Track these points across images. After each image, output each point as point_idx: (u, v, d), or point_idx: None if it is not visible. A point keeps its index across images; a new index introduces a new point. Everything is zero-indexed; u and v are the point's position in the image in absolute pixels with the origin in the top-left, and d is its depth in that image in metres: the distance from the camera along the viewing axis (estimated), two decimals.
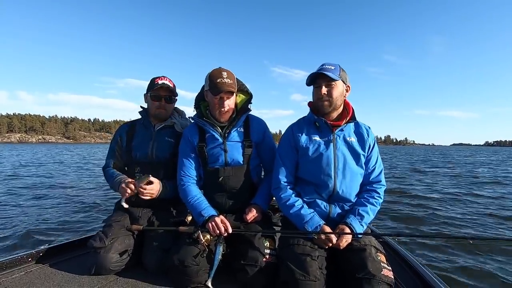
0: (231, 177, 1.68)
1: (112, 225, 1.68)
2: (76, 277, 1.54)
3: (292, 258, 1.34)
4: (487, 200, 7.04)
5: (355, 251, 1.36)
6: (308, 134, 1.62)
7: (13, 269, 1.58)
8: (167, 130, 1.91)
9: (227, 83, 1.57)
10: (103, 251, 1.54)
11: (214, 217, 1.52)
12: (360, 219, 1.47)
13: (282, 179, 1.63)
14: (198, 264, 1.42)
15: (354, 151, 1.57)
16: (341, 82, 1.55)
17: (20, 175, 11.21)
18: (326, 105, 1.55)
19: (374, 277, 1.23)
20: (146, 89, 1.92)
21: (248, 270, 1.39)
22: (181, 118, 2.00)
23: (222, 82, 1.56)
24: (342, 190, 1.53)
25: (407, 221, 5.13)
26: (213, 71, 1.61)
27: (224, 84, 1.56)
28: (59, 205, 5.83)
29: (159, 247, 1.62)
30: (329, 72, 1.49)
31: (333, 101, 1.53)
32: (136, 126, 1.96)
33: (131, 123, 2.01)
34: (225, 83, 1.56)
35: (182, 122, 1.96)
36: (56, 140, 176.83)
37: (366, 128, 1.64)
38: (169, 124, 1.92)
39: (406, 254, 1.69)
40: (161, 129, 1.90)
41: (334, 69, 1.53)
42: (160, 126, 1.90)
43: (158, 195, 1.76)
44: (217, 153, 1.68)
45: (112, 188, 1.85)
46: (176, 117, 1.98)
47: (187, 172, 1.73)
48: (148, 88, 1.89)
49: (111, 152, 1.97)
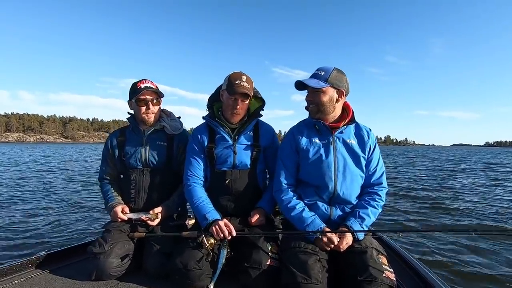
0: (238, 180, 1.69)
1: (112, 231, 1.68)
2: (76, 282, 1.54)
3: (294, 261, 1.34)
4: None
5: (356, 254, 1.37)
6: (309, 136, 1.62)
7: (13, 275, 1.57)
8: (158, 134, 1.89)
9: (245, 86, 1.60)
10: (103, 256, 1.54)
11: (218, 221, 1.52)
12: (360, 222, 1.47)
13: (283, 181, 1.63)
14: (201, 268, 1.42)
15: (354, 153, 1.57)
16: (331, 88, 1.52)
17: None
18: (313, 111, 1.56)
19: (376, 280, 1.23)
20: (128, 96, 1.85)
21: (251, 273, 1.40)
22: (170, 120, 1.95)
23: (240, 84, 1.59)
24: (342, 192, 1.53)
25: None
26: (234, 73, 1.65)
27: (242, 87, 1.59)
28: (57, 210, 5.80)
29: (160, 251, 1.62)
30: (309, 80, 1.51)
31: (320, 107, 1.54)
32: (126, 132, 1.93)
33: (121, 130, 1.98)
34: (242, 86, 1.60)
35: (172, 124, 1.92)
36: (54, 139, 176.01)
37: (367, 130, 1.64)
38: (158, 127, 1.88)
39: (408, 256, 1.68)
40: (152, 133, 1.87)
41: (323, 74, 1.52)
42: (150, 130, 1.86)
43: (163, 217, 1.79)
44: (226, 154, 1.69)
45: (105, 208, 1.86)
46: (165, 119, 1.93)
47: (194, 172, 1.72)
48: (130, 94, 1.83)
49: (104, 161, 1.95)
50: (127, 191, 1.84)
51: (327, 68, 1.54)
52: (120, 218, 1.73)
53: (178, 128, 1.95)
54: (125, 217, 1.74)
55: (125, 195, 1.85)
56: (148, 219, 1.72)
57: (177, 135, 1.93)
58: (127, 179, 1.84)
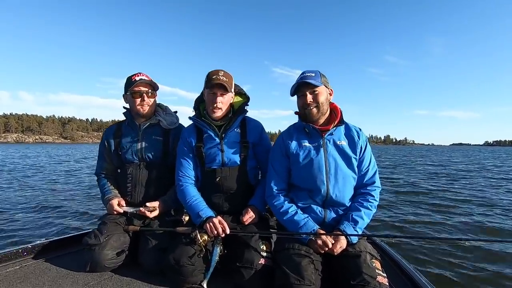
0: (228, 178, 1.69)
1: (107, 223, 1.69)
2: (71, 273, 1.54)
3: (287, 262, 1.34)
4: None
5: (350, 258, 1.36)
6: (298, 140, 1.62)
7: (8, 263, 1.58)
8: (154, 128, 1.89)
9: (221, 79, 1.62)
10: (97, 248, 1.55)
11: (212, 218, 1.53)
12: (354, 225, 1.46)
13: (275, 186, 1.64)
14: (194, 264, 1.43)
15: (345, 154, 1.57)
16: (324, 87, 1.57)
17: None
18: (314, 112, 1.56)
19: (369, 284, 1.23)
20: (124, 90, 1.86)
21: (244, 272, 1.40)
22: (165, 114, 1.95)
23: (217, 78, 1.62)
24: (335, 194, 1.53)
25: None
26: (212, 70, 1.68)
27: (218, 79, 1.61)
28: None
29: (156, 246, 1.63)
30: (311, 79, 1.52)
31: (320, 106, 1.55)
32: (122, 127, 1.94)
33: (117, 124, 1.98)
34: (219, 79, 1.62)
35: (167, 118, 1.93)
36: (53, 140, 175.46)
37: (357, 130, 1.64)
38: (154, 122, 1.88)
39: (401, 261, 1.67)
40: (147, 127, 1.87)
41: (314, 75, 1.55)
42: (146, 124, 1.87)
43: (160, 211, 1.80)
44: (214, 153, 1.70)
45: (102, 201, 1.88)
46: (161, 113, 1.93)
47: (185, 173, 1.74)
48: (126, 87, 1.84)
49: (101, 156, 1.96)
50: (124, 185, 1.85)
51: (314, 71, 1.58)
52: (116, 211, 1.74)
53: (174, 122, 1.95)
54: (121, 210, 1.75)
55: (122, 189, 1.87)
56: (146, 209, 1.72)
57: (173, 129, 1.93)
58: (124, 173, 1.85)
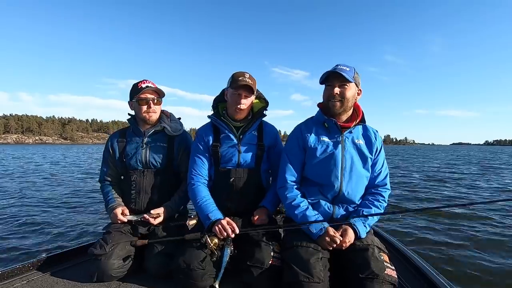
0: (242, 179, 1.70)
1: (112, 232, 1.68)
2: (78, 284, 1.54)
3: (296, 260, 1.34)
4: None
5: (358, 251, 1.37)
6: (317, 134, 1.61)
7: (15, 278, 1.57)
8: (158, 135, 1.89)
9: (248, 82, 1.64)
10: (104, 258, 1.54)
11: (220, 220, 1.53)
12: (364, 221, 1.48)
13: (289, 178, 1.63)
14: (204, 268, 1.43)
15: (362, 153, 1.58)
16: (354, 84, 1.54)
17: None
18: (338, 106, 1.53)
19: (377, 277, 1.24)
20: (129, 97, 1.86)
21: (254, 271, 1.41)
22: (170, 121, 1.96)
23: (243, 80, 1.64)
24: (347, 192, 1.53)
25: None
26: (237, 72, 1.69)
27: (245, 81, 1.63)
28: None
29: (162, 252, 1.62)
30: (344, 72, 1.48)
31: (345, 102, 1.52)
32: (127, 134, 1.93)
33: (122, 131, 1.98)
34: (246, 81, 1.64)
35: (172, 125, 1.93)
36: (53, 140, 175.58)
37: (374, 131, 1.65)
38: (159, 128, 1.88)
39: (410, 253, 1.69)
40: (152, 134, 1.87)
41: (349, 70, 1.52)
42: (151, 131, 1.87)
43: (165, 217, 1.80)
44: (231, 153, 1.71)
45: (105, 209, 1.86)
46: (166, 120, 1.93)
47: (198, 171, 1.73)
48: (131, 95, 1.84)
49: (104, 162, 1.96)
50: (128, 192, 1.84)
51: (349, 66, 1.55)
52: (120, 220, 1.74)
53: (178, 129, 1.95)
54: (125, 219, 1.74)
55: (126, 196, 1.86)
56: (150, 216, 1.72)
57: (177, 136, 1.93)
58: (128, 180, 1.84)
